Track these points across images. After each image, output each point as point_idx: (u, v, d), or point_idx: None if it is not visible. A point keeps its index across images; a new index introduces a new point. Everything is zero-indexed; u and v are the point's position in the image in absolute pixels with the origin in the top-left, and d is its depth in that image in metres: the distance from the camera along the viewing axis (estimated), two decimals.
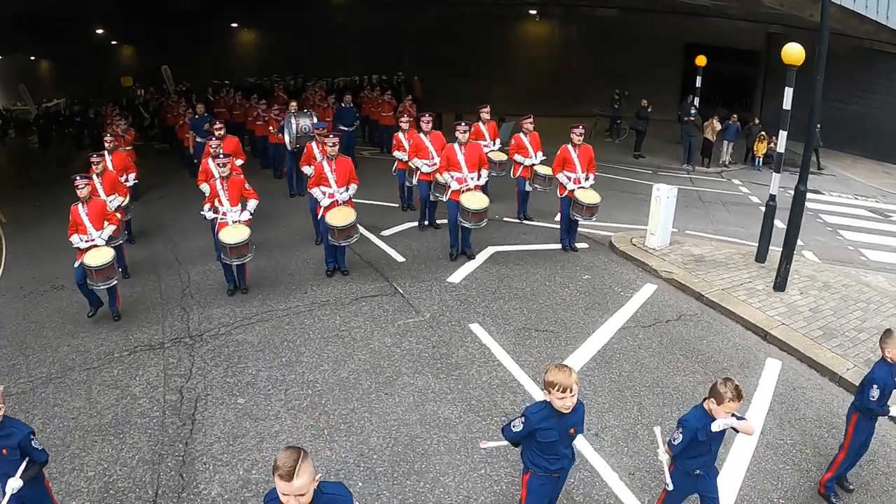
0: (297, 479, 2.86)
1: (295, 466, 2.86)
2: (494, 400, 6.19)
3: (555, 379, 3.73)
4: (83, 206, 7.87)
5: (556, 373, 3.75)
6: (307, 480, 2.91)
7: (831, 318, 8.03)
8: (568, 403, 3.75)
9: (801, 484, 5.22)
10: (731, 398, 3.82)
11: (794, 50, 8.59)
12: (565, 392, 3.71)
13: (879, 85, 19.24)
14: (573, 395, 3.74)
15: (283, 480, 2.87)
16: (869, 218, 14.41)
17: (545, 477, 3.99)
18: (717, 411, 3.89)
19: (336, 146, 8.78)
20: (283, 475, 2.86)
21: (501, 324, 7.70)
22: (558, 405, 3.77)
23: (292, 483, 2.86)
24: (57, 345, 7.47)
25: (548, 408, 3.85)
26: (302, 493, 2.91)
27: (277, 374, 6.64)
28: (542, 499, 4.09)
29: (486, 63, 25.63)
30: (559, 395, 3.72)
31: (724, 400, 3.83)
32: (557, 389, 3.72)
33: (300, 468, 2.87)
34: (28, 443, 4.09)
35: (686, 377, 6.69)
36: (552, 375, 3.75)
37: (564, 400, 3.73)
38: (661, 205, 9.99)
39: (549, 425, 3.83)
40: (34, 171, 18.58)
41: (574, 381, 3.72)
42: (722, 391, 3.86)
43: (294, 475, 2.85)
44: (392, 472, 5.23)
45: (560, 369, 3.76)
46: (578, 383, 3.79)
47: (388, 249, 10.11)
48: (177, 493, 5.02)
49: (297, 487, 2.88)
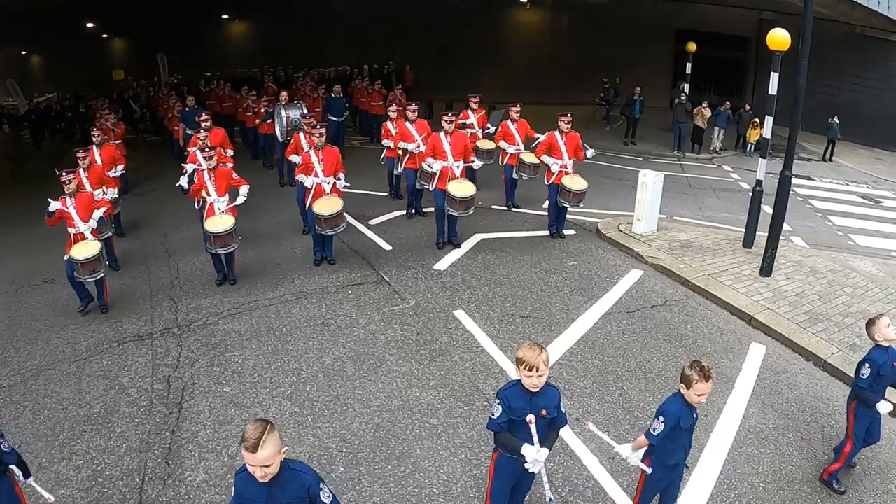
0: (262, 451, 2.97)
1: (260, 438, 2.97)
2: (476, 385, 6.25)
3: (524, 356, 3.71)
4: (70, 199, 7.89)
5: (527, 350, 3.73)
6: (272, 452, 3.01)
7: (817, 303, 8.08)
8: (535, 382, 3.73)
9: (782, 468, 5.26)
10: (697, 379, 3.81)
11: (779, 35, 8.62)
12: (532, 371, 3.69)
13: (871, 71, 19.25)
14: (541, 375, 3.71)
15: (248, 452, 2.98)
16: (859, 203, 14.45)
17: (511, 459, 3.93)
18: (689, 395, 3.88)
19: (323, 136, 8.81)
20: (249, 447, 2.98)
21: (486, 310, 7.75)
22: (526, 383, 3.76)
23: (257, 454, 2.98)
24: (47, 337, 7.51)
25: (519, 385, 3.83)
26: (267, 465, 3.03)
27: (263, 363, 6.69)
28: (507, 481, 4.06)
29: (477, 52, 25.57)
30: (526, 372, 3.71)
31: (692, 382, 3.82)
32: (525, 367, 3.70)
33: (265, 440, 2.98)
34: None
35: (669, 362, 6.73)
36: (522, 352, 3.73)
37: (531, 378, 3.71)
38: (647, 191, 10.03)
39: (521, 404, 3.80)
40: (26, 167, 18.54)
41: (542, 362, 3.69)
42: (688, 374, 3.86)
43: (259, 446, 2.97)
44: (373, 457, 5.28)
45: (531, 347, 3.74)
46: (548, 365, 3.76)
47: (375, 238, 10.15)
48: (163, 480, 5.08)
49: (261, 458, 2.99)
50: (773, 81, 8.91)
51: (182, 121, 14.59)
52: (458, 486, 4.98)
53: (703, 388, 3.83)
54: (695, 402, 3.90)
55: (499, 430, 3.91)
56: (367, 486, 4.98)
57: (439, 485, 5.00)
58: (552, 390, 3.92)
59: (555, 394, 3.93)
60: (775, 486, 5.07)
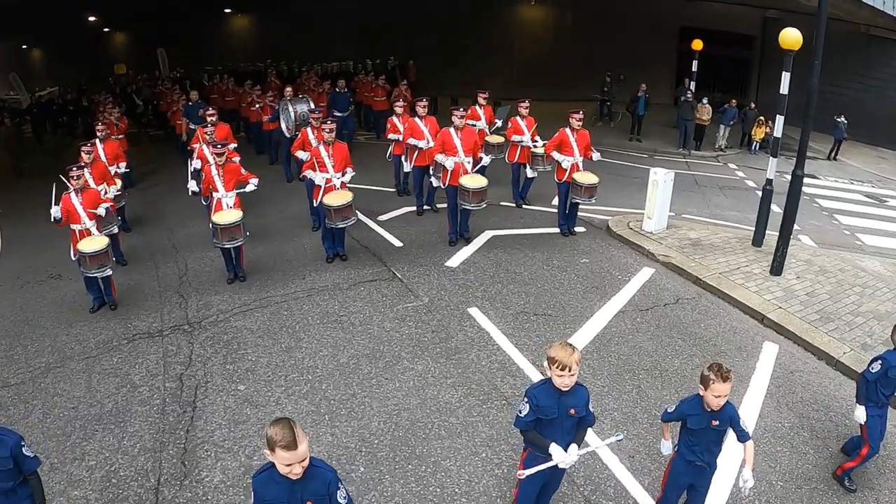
0: (302, 445, 2.98)
1: (294, 434, 2.97)
2: (494, 384, 6.21)
3: (556, 355, 3.72)
4: (76, 195, 7.81)
5: (559, 350, 3.74)
6: (307, 444, 3.04)
7: (827, 303, 8.07)
8: (567, 381, 3.75)
9: (798, 466, 5.27)
10: (714, 379, 3.83)
11: (791, 35, 8.58)
12: (564, 370, 3.71)
13: (876, 70, 19.22)
14: (572, 375, 3.74)
15: (288, 451, 2.96)
16: (865, 203, 14.45)
17: (542, 458, 3.95)
18: (707, 396, 3.91)
19: (333, 132, 8.74)
20: (288, 445, 2.96)
21: (500, 308, 7.72)
22: (557, 382, 3.77)
23: (298, 450, 2.97)
24: (55, 334, 7.44)
25: (548, 384, 3.85)
26: (304, 459, 3.04)
27: (277, 360, 6.64)
28: (538, 479, 4.06)
29: (482, 48, 25.49)
30: (558, 371, 3.72)
31: (710, 382, 3.85)
32: (557, 367, 3.72)
33: (299, 434, 2.99)
34: (20, 451, 3.82)
35: (684, 360, 6.73)
36: (555, 351, 3.74)
37: (563, 378, 3.73)
38: (658, 189, 10.00)
39: (550, 403, 3.83)
40: (28, 161, 18.43)
41: (575, 361, 3.71)
42: (706, 374, 3.89)
43: (298, 442, 2.97)
44: (394, 457, 5.25)
45: (563, 347, 3.75)
46: (579, 364, 3.77)
47: (386, 234, 10.10)
48: (179, 481, 5.03)
49: (302, 452, 3.00)
50: (784, 81, 8.86)
51: (185, 115, 14.53)
52: (481, 486, 4.95)
53: (720, 388, 3.84)
54: (713, 403, 3.90)
55: (525, 429, 3.93)
56: (388, 486, 4.95)
57: (461, 484, 4.97)
58: (581, 389, 3.92)
59: (583, 393, 3.94)
60: (793, 484, 5.09)
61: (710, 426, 4.01)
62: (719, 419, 3.99)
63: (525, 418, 3.87)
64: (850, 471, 5.07)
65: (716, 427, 4.01)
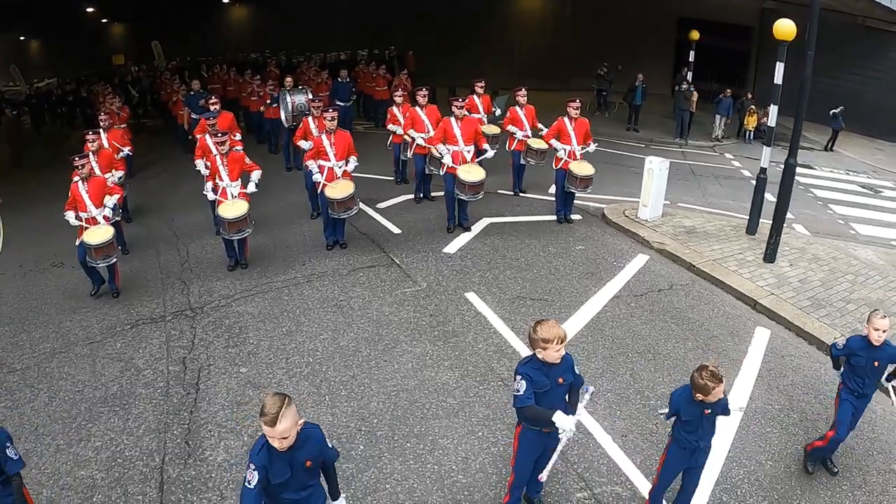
0: (281, 424, 3.14)
1: (279, 412, 3.14)
2: (490, 366, 6.35)
3: (548, 335, 3.80)
4: (83, 183, 7.89)
5: (547, 329, 3.82)
6: (289, 425, 3.19)
7: (819, 289, 8.19)
8: (562, 352, 3.88)
9: (788, 447, 5.38)
10: (713, 386, 3.87)
11: (785, 26, 8.66)
12: (560, 343, 3.82)
13: (873, 62, 19.24)
14: (564, 345, 3.87)
15: (268, 425, 3.14)
16: (860, 193, 14.53)
17: (536, 431, 4.07)
18: (705, 399, 3.95)
19: (335, 120, 8.81)
20: (269, 421, 3.14)
21: (496, 292, 7.84)
22: (553, 357, 3.86)
23: (276, 427, 3.14)
24: (59, 320, 7.54)
25: (534, 360, 3.95)
26: (285, 437, 3.19)
27: (278, 344, 6.76)
28: (532, 452, 4.19)
29: (481, 38, 25.47)
30: (556, 346, 3.81)
31: (710, 390, 3.88)
32: (554, 343, 3.80)
33: (283, 414, 3.15)
34: (3, 451, 3.65)
35: (677, 344, 6.85)
36: (544, 332, 3.82)
37: (561, 350, 3.85)
38: (653, 177, 10.11)
39: (540, 377, 3.93)
40: (28, 152, 18.50)
41: (564, 331, 3.85)
42: (702, 384, 3.90)
43: (278, 420, 3.13)
44: (392, 435, 5.38)
45: (549, 325, 3.84)
46: None
47: (385, 221, 10.21)
48: (183, 460, 5.15)
49: (280, 431, 3.16)
50: (778, 71, 8.95)
51: (186, 105, 14.59)
52: (477, 463, 5.08)
53: (719, 390, 3.91)
54: (711, 401, 3.97)
55: (525, 406, 3.94)
56: (387, 464, 5.08)
57: (458, 462, 5.10)
58: (566, 356, 4.03)
59: (568, 359, 4.05)
60: (782, 464, 5.20)
61: (703, 415, 4.08)
62: (711, 408, 4.07)
63: (524, 395, 3.90)
64: (816, 451, 5.09)
65: (708, 415, 4.09)
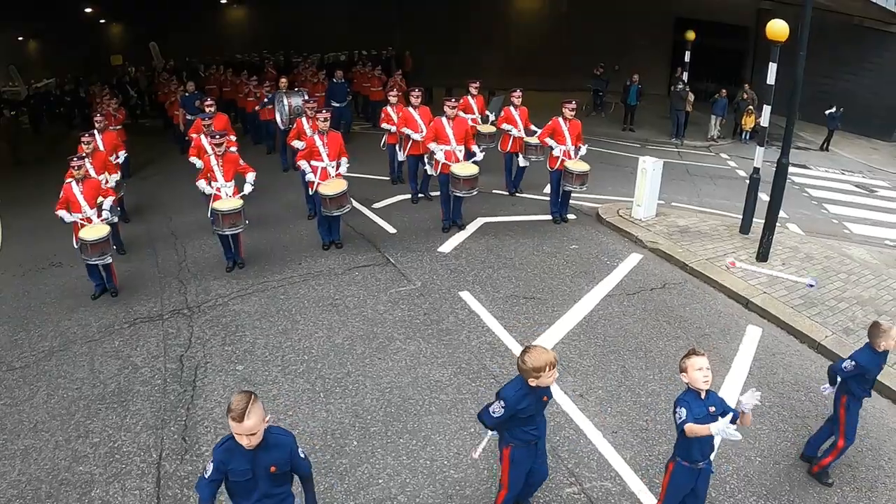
0: (248, 420, 3.17)
1: (246, 408, 3.16)
2: (483, 363, 6.43)
3: (538, 363, 3.77)
4: (77, 184, 7.93)
5: (535, 357, 3.79)
6: (256, 421, 3.21)
7: (812, 288, 8.23)
8: (556, 375, 3.88)
9: (777, 444, 5.44)
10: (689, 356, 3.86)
11: (778, 26, 8.72)
12: (553, 367, 3.81)
13: (868, 62, 19.27)
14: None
15: (234, 422, 3.18)
16: (855, 193, 14.59)
17: (525, 446, 4.12)
18: (692, 377, 3.84)
19: (328, 121, 8.93)
20: (235, 416, 3.17)
21: (490, 291, 7.91)
22: (547, 382, 3.86)
23: (243, 423, 3.17)
24: (58, 319, 7.61)
25: (524, 386, 3.91)
26: (253, 433, 3.23)
27: (274, 342, 6.84)
28: (525, 467, 4.22)
29: (477, 37, 25.55)
30: (549, 372, 3.80)
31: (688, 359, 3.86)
32: (547, 369, 3.77)
33: (250, 410, 3.17)
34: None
35: (669, 342, 6.92)
36: (537, 361, 3.78)
37: (554, 374, 3.84)
38: (647, 177, 10.18)
39: (527, 402, 3.94)
40: (27, 152, 18.55)
41: (552, 353, 3.85)
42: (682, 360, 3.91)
43: (245, 416, 3.16)
44: (386, 431, 5.46)
45: (535, 352, 3.82)
46: None
47: (380, 221, 10.29)
48: (180, 456, 5.23)
49: (247, 427, 3.19)
50: (771, 71, 9.02)
51: (182, 106, 14.66)
52: (468, 459, 5.13)
53: (699, 361, 3.81)
54: (699, 380, 3.81)
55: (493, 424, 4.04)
56: (380, 459, 5.15)
57: (450, 457, 5.18)
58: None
59: None
60: (771, 460, 5.26)
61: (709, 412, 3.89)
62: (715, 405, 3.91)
63: (499, 418, 3.92)
64: (827, 467, 5.06)
65: (712, 413, 3.89)
